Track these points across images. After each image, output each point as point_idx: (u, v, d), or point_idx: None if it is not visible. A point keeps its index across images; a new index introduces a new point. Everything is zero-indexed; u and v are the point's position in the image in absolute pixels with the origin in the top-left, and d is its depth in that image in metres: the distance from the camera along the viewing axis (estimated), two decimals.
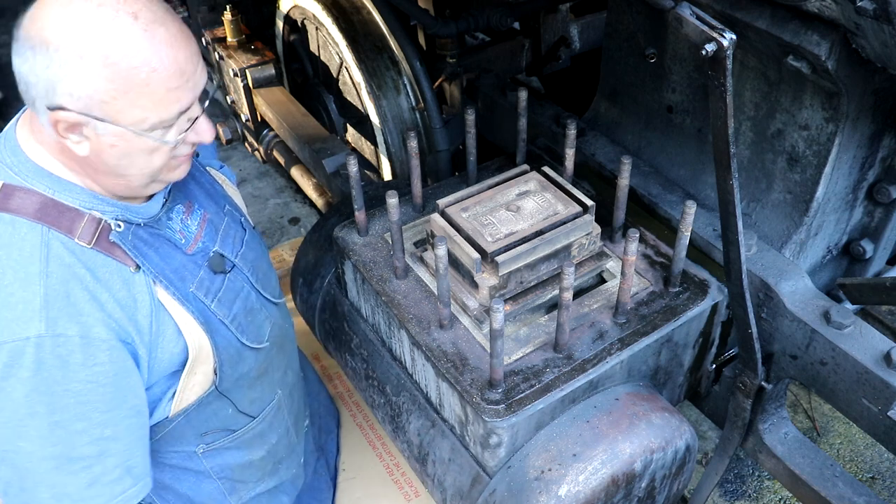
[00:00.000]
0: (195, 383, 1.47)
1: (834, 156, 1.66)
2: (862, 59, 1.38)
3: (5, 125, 1.35)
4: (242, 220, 1.66)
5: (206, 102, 1.31)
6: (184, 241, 1.44)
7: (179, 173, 1.37)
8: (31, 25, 1.14)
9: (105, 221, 1.29)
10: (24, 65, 1.15)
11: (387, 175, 2.88)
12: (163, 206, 1.41)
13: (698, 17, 1.25)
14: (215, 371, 1.48)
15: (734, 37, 1.22)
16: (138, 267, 1.32)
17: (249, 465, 1.74)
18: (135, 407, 1.34)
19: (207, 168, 1.64)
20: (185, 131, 1.27)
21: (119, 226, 1.31)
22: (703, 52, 1.23)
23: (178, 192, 1.47)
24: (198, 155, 1.60)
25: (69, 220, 1.25)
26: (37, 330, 1.19)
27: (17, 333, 1.18)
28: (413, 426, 1.81)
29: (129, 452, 1.35)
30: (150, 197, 1.40)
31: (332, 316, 2.11)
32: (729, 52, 1.22)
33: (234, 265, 1.54)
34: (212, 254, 1.49)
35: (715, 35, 1.21)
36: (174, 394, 1.45)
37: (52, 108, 1.16)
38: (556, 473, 1.55)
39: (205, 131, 1.32)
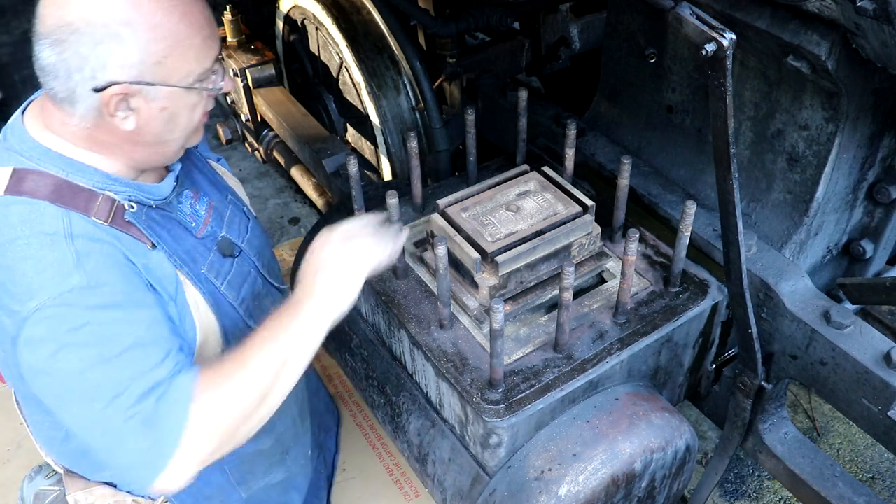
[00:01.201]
0: None
1: (834, 156, 1.66)
2: (862, 59, 1.38)
3: (4, 125, 1.35)
4: (245, 208, 1.67)
5: (220, 51, 1.36)
6: (194, 224, 1.46)
7: (199, 136, 1.41)
8: (63, 12, 1.15)
9: (119, 202, 1.30)
10: (67, 52, 1.15)
11: (387, 175, 2.88)
12: (173, 188, 1.42)
13: (698, 17, 1.25)
14: (223, 353, 1.48)
15: (734, 37, 1.22)
16: (154, 246, 1.34)
17: (258, 455, 1.74)
18: (184, 333, 1.36)
19: (207, 159, 1.65)
20: (213, 80, 1.32)
21: (132, 206, 1.31)
22: (703, 52, 1.23)
23: (185, 179, 1.49)
24: (196, 147, 1.60)
25: (84, 200, 1.26)
26: (78, 281, 1.19)
27: (60, 287, 1.18)
28: (413, 426, 1.81)
29: (175, 335, 1.33)
30: (162, 179, 1.41)
31: None
32: (729, 52, 1.22)
33: (242, 250, 1.56)
34: (220, 238, 1.51)
35: (715, 35, 1.21)
36: None
37: (101, 88, 1.18)
38: (556, 473, 1.55)
39: (228, 80, 1.38)
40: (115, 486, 1.60)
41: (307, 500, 2.02)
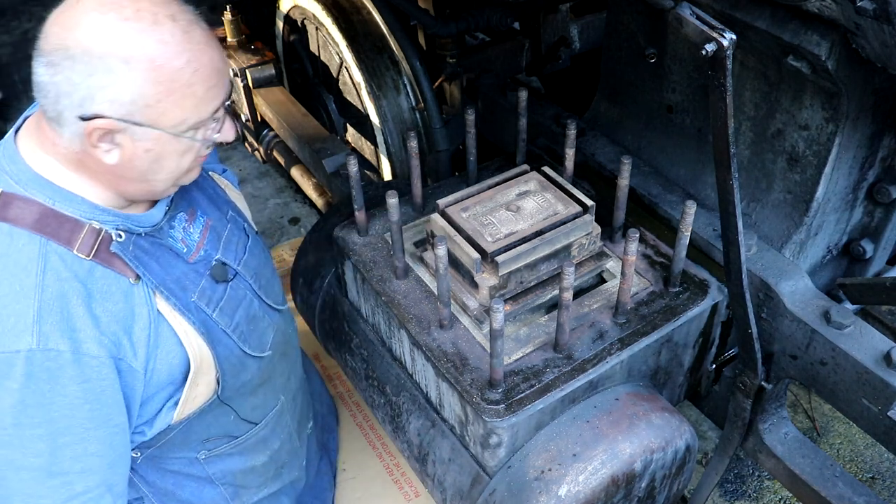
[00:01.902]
0: (198, 394, 1.46)
1: (834, 156, 1.66)
2: (862, 59, 1.38)
3: (5, 125, 1.34)
4: (245, 226, 1.64)
5: (229, 101, 1.33)
6: (186, 249, 1.43)
7: (194, 174, 1.38)
8: (66, 35, 1.13)
9: (105, 232, 1.28)
10: (59, 75, 1.14)
11: (387, 175, 2.89)
12: (165, 213, 1.40)
13: (698, 17, 1.25)
14: (217, 381, 1.47)
15: (734, 37, 1.22)
16: (138, 278, 1.31)
17: (252, 471, 1.73)
18: (119, 426, 1.32)
19: (210, 173, 1.63)
20: (213, 131, 1.29)
21: (120, 236, 1.29)
22: (703, 52, 1.23)
23: (180, 200, 1.46)
24: None
25: (68, 230, 1.24)
26: (27, 344, 1.18)
27: (8, 346, 1.17)
28: (413, 426, 1.81)
29: (112, 471, 1.34)
30: (153, 204, 1.39)
31: (332, 316, 2.11)
32: (729, 52, 1.22)
33: (237, 273, 1.53)
34: (214, 262, 1.48)
35: (715, 35, 1.21)
36: (176, 403, 1.43)
37: (87, 118, 1.16)
38: (556, 473, 1.55)
39: (229, 129, 1.34)
40: None
41: (308, 502, 2.02)
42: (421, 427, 1.78)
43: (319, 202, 3.32)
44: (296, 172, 3.33)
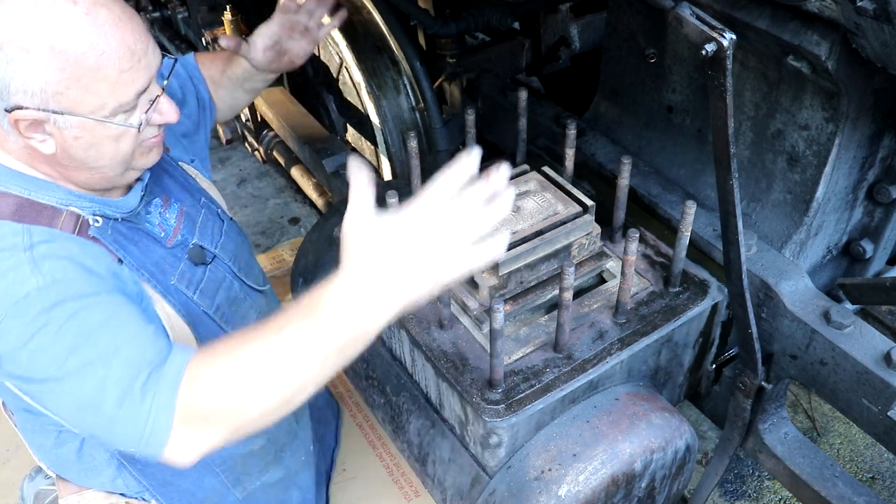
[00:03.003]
0: None
1: (834, 156, 1.66)
2: (862, 59, 1.38)
3: None
4: (219, 211, 1.65)
5: (165, 82, 1.29)
6: (163, 234, 1.43)
7: (153, 157, 1.35)
8: None
9: (83, 217, 1.27)
10: None
11: (387, 175, 2.88)
12: (141, 199, 1.39)
13: (698, 17, 1.25)
14: None
15: (734, 37, 1.22)
16: (120, 261, 1.31)
17: (251, 455, 1.73)
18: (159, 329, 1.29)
19: (179, 163, 1.63)
20: (146, 112, 1.26)
21: (97, 221, 1.29)
22: (703, 52, 1.23)
23: (154, 186, 1.46)
24: (168, 150, 1.59)
25: (48, 217, 1.24)
26: (35, 283, 1.16)
27: (16, 293, 1.15)
28: (413, 426, 1.81)
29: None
30: (129, 190, 1.38)
31: None
32: (729, 52, 1.22)
33: (215, 256, 1.54)
34: (191, 245, 1.48)
35: (715, 35, 1.21)
36: None
37: (10, 110, 1.15)
38: (556, 473, 1.55)
39: (168, 111, 1.30)
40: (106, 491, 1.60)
41: (308, 496, 2.02)
42: (421, 427, 1.78)
43: (319, 202, 3.32)
44: (296, 172, 3.33)
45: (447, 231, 1.00)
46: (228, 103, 1.85)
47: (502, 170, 1.01)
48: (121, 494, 1.60)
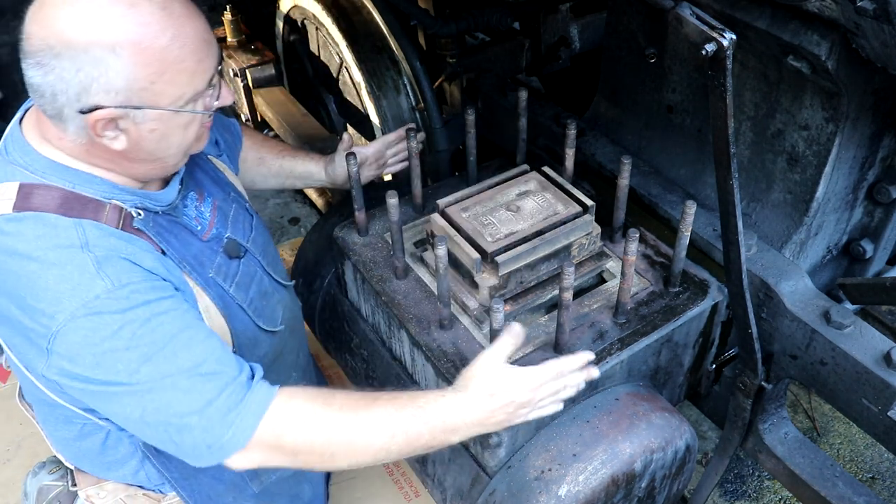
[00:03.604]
0: None
1: (834, 156, 1.66)
2: (862, 59, 1.38)
3: (5, 125, 1.34)
4: (248, 205, 1.67)
5: (220, 66, 1.33)
6: (199, 227, 1.45)
7: (202, 143, 1.39)
8: (45, 33, 1.12)
9: (126, 210, 1.29)
10: (49, 75, 1.13)
11: (387, 175, 2.88)
12: (178, 192, 1.41)
13: (698, 17, 1.25)
14: None
15: (734, 37, 1.22)
16: (163, 253, 1.33)
17: None
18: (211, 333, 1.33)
19: (209, 157, 1.64)
20: (209, 97, 1.30)
21: (139, 213, 1.31)
22: (703, 52, 1.23)
23: (189, 180, 1.48)
24: None
25: (93, 210, 1.25)
26: (103, 287, 1.17)
27: (84, 296, 1.16)
28: None
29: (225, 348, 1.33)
30: (166, 183, 1.40)
31: (332, 316, 2.11)
32: (729, 52, 1.22)
33: (247, 250, 1.55)
34: (226, 239, 1.50)
35: (715, 35, 1.21)
36: None
37: (87, 111, 1.16)
38: (556, 473, 1.55)
39: (225, 94, 1.35)
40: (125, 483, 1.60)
41: (318, 490, 2.02)
42: None
43: (319, 202, 3.32)
44: None
45: (542, 403, 1.36)
46: (253, 178, 1.95)
47: (593, 372, 1.41)
48: (139, 486, 1.60)
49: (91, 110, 1.16)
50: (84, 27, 1.11)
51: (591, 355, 1.39)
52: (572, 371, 1.37)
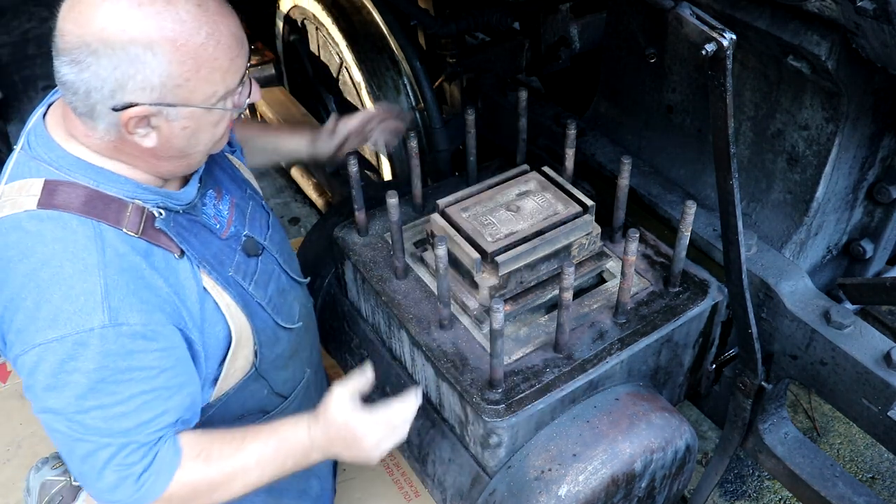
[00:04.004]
0: (237, 368, 1.48)
1: (834, 156, 1.66)
2: (862, 59, 1.38)
3: (4, 125, 1.34)
4: (264, 203, 1.67)
5: (250, 63, 1.34)
6: (218, 226, 1.46)
7: (224, 141, 1.39)
8: (82, 31, 1.12)
9: (148, 210, 1.30)
10: (85, 72, 1.13)
11: (387, 175, 2.89)
12: (198, 190, 1.41)
13: (698, 17, 1.25)
14: (255, 353, 1.50)
15: (734, 37, 1.22)
16: (182, 253, 1.33)
17: None
18: (192, 394, 1.35)
19: (225, 154, 1.65)
20: (239, 95, 1.30)
21: (161, 213, 1.31)
22: (703, 52, 1.23)
23: (207, 178, 1.48)
24: None
25: (115, 211, 1.26)
26: (100, 321, 1.18)
27: (81, 325, 1.18)
28: (413, 426, 1.80)
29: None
30: (186, 182, 1.41)
31: (332, 316, 2.11)
32: (729, 52, 1.22)
33: (265, 248, 1.56)
34: (244, 237, 1.50)
35: (715, 35, 1.21)
36: (215, 380, 1.47)
37: (120, 108, 1.16)
38: (556, 473, 1.55)
39: (256, 91, 1.36)
40: None
41: (325, 485, 2.02)
42: (421, 427, 1.78)
43: (319, 202, 3.32)
44: (296, 172, 3.33)
45: (390, 443, 1.45)
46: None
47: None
48: None
49: (125, 108, 1.16)
50: (122, 25, 1.12)
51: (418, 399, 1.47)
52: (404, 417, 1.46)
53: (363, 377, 1.44)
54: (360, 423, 1.39)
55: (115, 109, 1.17)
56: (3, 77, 2.43)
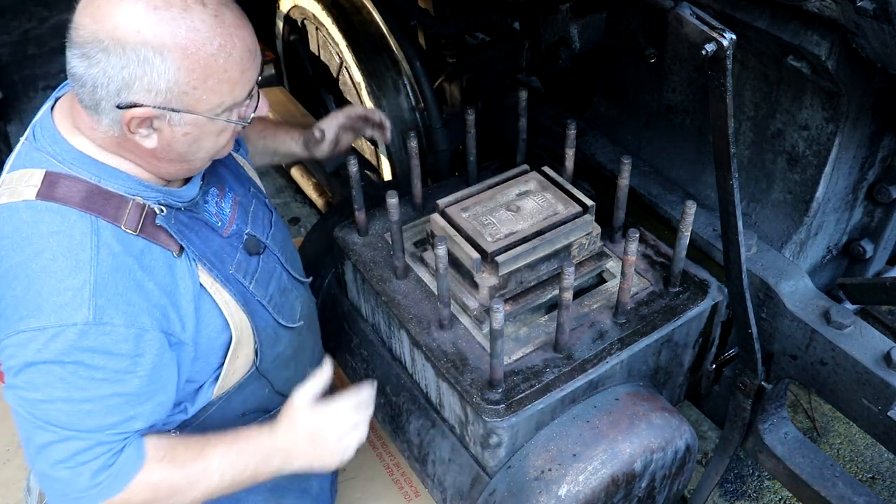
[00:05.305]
0: (237, 366, 1.49)
1: (834, 156, 1.66)
2: (862, 59, 1.38)
3: (4, 125, 1.34)
4: (267, 201, 1.67)
5: (261, 77, 1.34)
6: (220, 223, 1.46)
7: (229, 148, 1.39)
8: (97, 27, 1.13)
9: (149, 207, 1.30)
10: (94, 68, 1.14)
11: (387, 175, 2.89)
12: (199, 188, 1.42)
13: (698, 17, 1.25)
14: (256, 352, 1.50)
15: (734, 37, 1.22)
16: (182, 251, 1.33)
17: None
18: (163, 403, 1.35)
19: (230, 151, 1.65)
20: (246, 108, 1.30)
21: (162, 210, 1.31)
22: (703, 52, 1.23)
23: (210, 176, 1.48)
24: None
25: (115, 207, 1.26)
26: (84, 317, 1.19)
27: (65, 319, 1.18)
28: (413, 426, 1.81)
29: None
30: (188, 180, 1.41)
31: (332, 316, 2.11)
32: (729, 52, 1.22)
33: (266, 246, 1.56)
34: (246, 236, 1.51)
35: (715, 35, 1.21)
36: (217, 378, 1.47)
37: (124, 107, 1.17)
38: (556, 473, 1.55)
39: (263, 105, 1.36)
40: None
41: (325, 485, 2.02)
42: (421, 427, 1.79)
43: (319, 202, 3.32)
44: (296, 172, 3.33)
45: (353, 440, 1.49)
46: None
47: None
48: None
49: (129, 107, 1.17)
50: (136, 26, 1.13)
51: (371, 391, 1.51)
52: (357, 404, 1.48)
53: (320, 378, 1.45)
54: (319, 417, 1.42)
55: (119, 107, 1.17)
56: (3, 77, 2.43)
